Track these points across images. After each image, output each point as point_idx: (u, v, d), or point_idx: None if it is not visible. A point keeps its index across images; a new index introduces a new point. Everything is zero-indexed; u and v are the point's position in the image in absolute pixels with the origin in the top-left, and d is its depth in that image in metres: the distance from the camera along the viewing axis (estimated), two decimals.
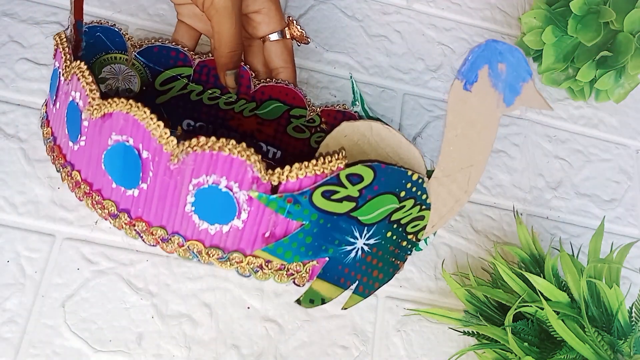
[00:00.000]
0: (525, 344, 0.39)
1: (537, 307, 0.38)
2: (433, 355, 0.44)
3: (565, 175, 0.55)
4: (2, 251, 0.40)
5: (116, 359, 0.39)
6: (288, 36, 0.44)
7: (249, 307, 0.42)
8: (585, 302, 0.38)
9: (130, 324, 0.40)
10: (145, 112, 0.31)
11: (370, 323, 0.44)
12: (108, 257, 0.41)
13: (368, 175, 0.33)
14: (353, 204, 0.33)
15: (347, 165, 0.32)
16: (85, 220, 0.42)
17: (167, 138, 0.31)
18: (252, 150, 0.31)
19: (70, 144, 0.36)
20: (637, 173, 0.57)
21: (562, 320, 0.37)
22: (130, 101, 0.32)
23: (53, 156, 0.38)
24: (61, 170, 0.37)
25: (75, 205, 0.42)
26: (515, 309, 0.38)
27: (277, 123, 0.46)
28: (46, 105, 0.40)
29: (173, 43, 0.43)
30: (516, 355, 0.38)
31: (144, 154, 0.32)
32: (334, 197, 0.33)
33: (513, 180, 0.53)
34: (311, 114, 0.45)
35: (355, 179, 0.32)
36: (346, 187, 0.32)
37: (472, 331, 0.42)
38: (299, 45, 0.46)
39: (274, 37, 0.43)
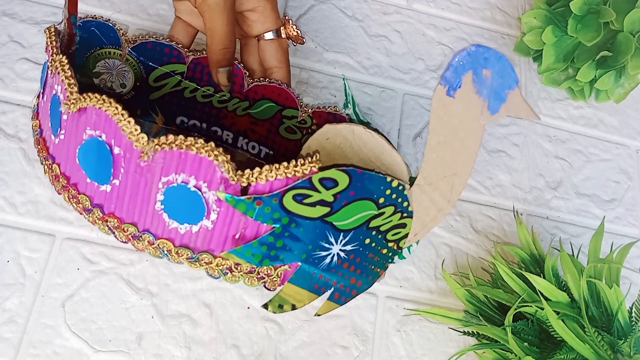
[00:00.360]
0: (525, 344, 0.39)
1: (537, 307, 0.38)
2: (433, 355, 0.44)
3: (565, 175, 0.55)
4: (2, 251, 0.40)
5: (116, 359, 0.39)
6: (284, 35, 0.43)
7: (249, 307, 0.42)
8: (585, 302, 0.38)
9: (130, 324, 0.40)
10: (116, 108, 0.31)
11: (370, 323, 0.44)
12: (108, 257, 0.41)
13: (343, 180, 0.32)
14: (327, 209, 0.33)
15: (321, 169, 0.31)
16: (85, 220, 0.42)
17: (138, 135, 0.31)
18: (221, 150, 0.31)
19: (53, 137, 0.36)
20: (637, 173, 0.57)
21: (562, 320, 0.37)
22: (103, 96, 0.32)
23: (38, 148, 0.38)
24: (44, 162, 0.38)
25: None
26: (515, 309, 0.38)
27: (269, 123, 0.45)
28: (37, 97, 0.40)
29: (168, 39, 0.43)
30: (516, 355, 0.38)
31: (116, 150, 0.32)
32: (307, 200, 0.32)
33: (513, 180, 0.53)
34: (303, 115, 0.45)
35: (329, 183, 0.32)
36: (319, 192, 0.32)
37: (472, 331, 0.42)
38: (294, 45, 0.46)
39: (269, 36, 0.43)
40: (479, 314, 0.41)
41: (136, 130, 0.31)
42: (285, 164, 0.31)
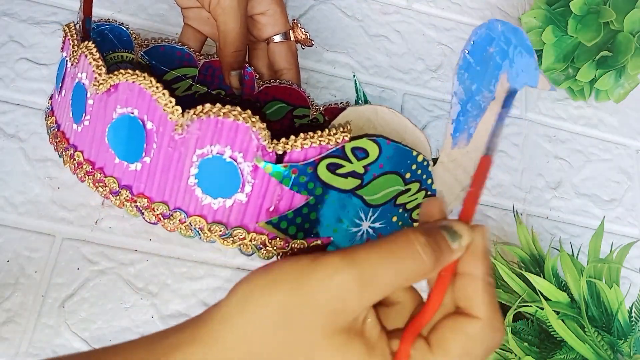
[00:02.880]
0: (525, 344, 0.39)
1: (537, 307, 0.38)
2: None
3: (565, 175, 0.55)
4: (2, 251, 0.40)
5: None
6: (292, 39, 0.44)
7: None
8: (585, 302, 0.38)
9: (130, 324, 0.40)
10: (151, 81, 0.31)
11: None
12: (108, 257, 0.41)
13: (373, 150, 0.32)
14: (358, 181, 0.33)
15: (353, 138, 0.32)
16: (85, 220, 0.42)
17: (173, 107, 0.31)
18: (257, 117, 0.31)
19: (74, 126, 0.36)
20: (637, 173, 0.57)
21: (562, 320, 0.37)
22: (137, 71, 0.32)
23: (56, 142, 0.38)
24: (63, 154, 0.37)
25: (75, 205, 0.42)
26: (515, 309, 0.38)
27: (280, 124, 0.46)
28: (51, 98, 0.40)
29: (179, 44, 0.43)
30: (516, 355, 0.38)
31: (149, 125, 0.32)
32: (339, 171, 0.32)
33: (513, 180, 0.53)
34: (314, 113, 0.45)
35: (360, 153, 0.32)
36: (351, 162, 0.32)
37: None
38: (303, 48, 0.46)
39: (278, 38, 0.44)
40: None
41: (171, 102, 0.31)
42: (319, 132, 0.31)
